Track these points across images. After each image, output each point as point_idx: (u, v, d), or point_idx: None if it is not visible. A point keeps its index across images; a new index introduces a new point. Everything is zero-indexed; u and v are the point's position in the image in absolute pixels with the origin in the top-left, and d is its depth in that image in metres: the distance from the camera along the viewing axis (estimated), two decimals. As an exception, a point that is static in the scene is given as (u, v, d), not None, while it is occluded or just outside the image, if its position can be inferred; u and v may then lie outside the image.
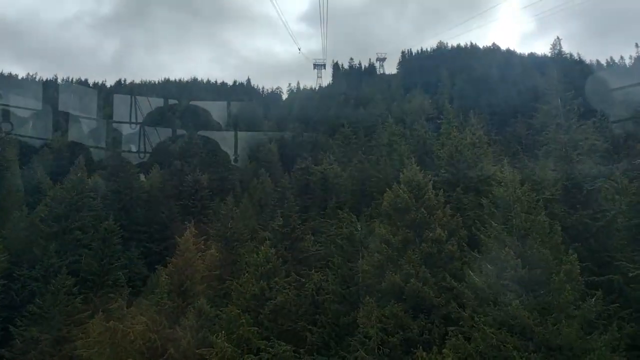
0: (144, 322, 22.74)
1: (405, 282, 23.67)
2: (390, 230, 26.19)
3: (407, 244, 25.52)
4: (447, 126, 42.00)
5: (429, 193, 27.36)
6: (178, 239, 27.69)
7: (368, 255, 26.62)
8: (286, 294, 23.93)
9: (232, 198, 39.44)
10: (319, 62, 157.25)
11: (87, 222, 40.53)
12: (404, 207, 26.57)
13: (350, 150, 58.92)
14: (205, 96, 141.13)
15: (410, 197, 26.75)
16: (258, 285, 23.48)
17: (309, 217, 37.86)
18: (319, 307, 24.93)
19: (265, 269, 24.42)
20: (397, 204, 27.00)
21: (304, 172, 44.81)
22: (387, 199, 27.91)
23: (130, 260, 42.56)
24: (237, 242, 31.78)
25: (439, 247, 25.23)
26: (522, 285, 20.15)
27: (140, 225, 48.37)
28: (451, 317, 22.75)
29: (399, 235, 25.74)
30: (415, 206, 26.39)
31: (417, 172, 28.37)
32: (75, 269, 37.34)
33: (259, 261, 24.67)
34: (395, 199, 27.23)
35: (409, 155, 35.42)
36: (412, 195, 26.90)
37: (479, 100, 78.20)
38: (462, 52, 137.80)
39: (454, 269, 24.83)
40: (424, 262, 24.71)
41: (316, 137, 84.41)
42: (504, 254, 20.80)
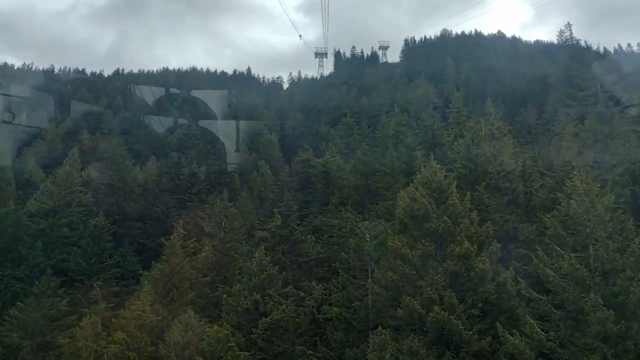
0: (122, 340, 20.63)
1: (426, 310, 19.77)
2: (406, 242, 22.38)
3: (428, 260, 21.64)
4: (457, 116, 39.64)
5: (453, 197, 23.02)
6: (165, 241, 25.45)
7: (379, 272, 22.82)
8: (283, 311, 21.10)
9: (227, 194, 36.88)
10: (320, 50, 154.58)
11: (76, 218, 38.41)
12: (423, 215, 22.52)
13: (353, 141, 56.66)
14: (205, 86, 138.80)
15: (430, 201, 22.70)
16: (251, 298, 20.92)
17: (310, 212, 35.64)
18: (320, 327, 22.11)
19: (260, 278, 21.82)
20: (413, 211, 22.94)
21: (304, 164, 42.53)
22: (402, 203, 23.86)
23: (124, 258, 40.47)
24: (232, 242, 29.32)
25: (468, 264, 21.05)
26: (611, 346, 16.22)
27: (134, 221, 46.24)
28: (485, 355, 19.11)
29: (417, 249, 21.88)
30: (436, 213, 22.43)
31: (437, 170, 24.18)
32: (63, 268, 35.45)
33: (253, 269, 22.12)
34: (412, 204, 23.18)
35: (416, 147, 32.95)
36: (432, 200, 22.88)
37: (487, 89, 75.68)
38: (467, 39, 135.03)
39: (487, 293, 20.52)
40: (449, 283, 20.71)
41: (318, 127, 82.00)
42: (587, 302, 16.64)
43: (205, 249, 27.55)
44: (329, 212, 33.52)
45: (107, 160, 62.86)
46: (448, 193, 23.21)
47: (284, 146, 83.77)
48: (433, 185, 23.50)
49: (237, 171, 65.07)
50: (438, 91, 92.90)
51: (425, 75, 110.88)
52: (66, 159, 63.80)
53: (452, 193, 23.24)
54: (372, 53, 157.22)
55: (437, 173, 23.98)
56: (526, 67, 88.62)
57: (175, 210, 48.12)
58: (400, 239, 22.78)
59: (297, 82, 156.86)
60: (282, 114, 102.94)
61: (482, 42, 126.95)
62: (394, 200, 28.26)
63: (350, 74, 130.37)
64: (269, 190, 55.53)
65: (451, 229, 22.06)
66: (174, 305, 22.27)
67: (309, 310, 22.17)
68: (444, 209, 22.86)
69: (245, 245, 28.81)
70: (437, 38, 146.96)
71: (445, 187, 23.44)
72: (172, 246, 24.51)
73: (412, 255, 21.74)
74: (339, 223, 27.98)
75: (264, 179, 62.81)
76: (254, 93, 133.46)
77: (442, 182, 23.52)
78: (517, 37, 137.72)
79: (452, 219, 22.45)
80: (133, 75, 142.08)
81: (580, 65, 62.84)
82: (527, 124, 53.34)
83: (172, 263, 23.40)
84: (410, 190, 23.89)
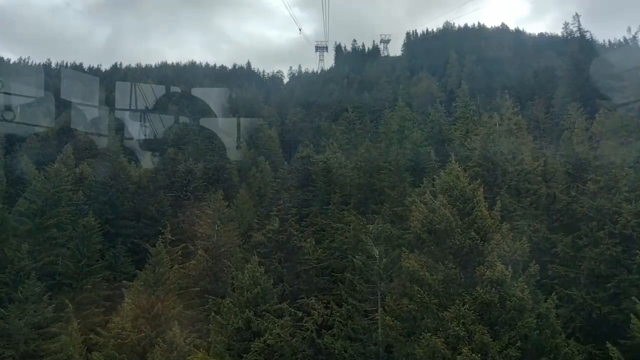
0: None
1: (452, 350, 16.23)
2: (424, 263, 18.81)
3: (452, 286, 17.96)
4: (465, 110, 37.67)
5: (481, 206, 19.09)
6: (150, 248, 23.51)
7: (392, 299, 19.33)
8: (278, 334, 18.24)
9: (222, 193, 35.11)
10: (321, 44, 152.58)
11: (64, 218, 36.59)
12: (445, 229, 18.76)
13: (355, 137, 54.80)
14: (204, 80, 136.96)
15: (453, 212, 18.98)
16: (242, 316, 18.18)
17: (310, 212, 33.76)
18: (321, 353, 19.15)
19: (253, 293, 19.11)
20: (433, 224, 19.26)
21: (304, 161, 40.60)
22: (419, 215, 20.41)
23: (116, 259, 38.84)
24: (226, 246, 27.29)
25: (502, 291, 17.13)
26: None
27: (128, 220, 44.56)
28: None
29: (439, 271, 18.22)
30: (460, 227, 18.64)
31: (460, 174, 20.31)
32: (51, 271, 33.71)
33: (245, 283, 19.58)
34: (430, 215, 19.59)
35: (422, 143, 30.94)
36: (455, 210, 19.19)
37: (492, 82, 73.71)
38: (470, 32, 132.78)
39: (526, 329, 16.73)
40: (479, 316, 17.00)
41: (318, 122, 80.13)
42: None
43: (198, 253, 25.59)
44: (330, 212, 31.64)
45: (102, 157, 61.36)
46: (474, 202, 19.25)
47: (284, 142, 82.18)
48: (456, 192, 19.79)
49: (235, 167, 63.39)
50: (441, 85, 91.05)
51: (428, 69, 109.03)
52: (60, 156, 62.60)
53: (479, 202, 19.31)
54: (373, 47, 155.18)
55: (461, 177, 20.18)
56: (532, 60, 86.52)
57: (170, 209, 46.49)
58: (417, 259, 19.07)
59: (298, 76, 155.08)
60: (282, 108, 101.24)
61: (485, 35, 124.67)
62: (400, 201, 26.38)
63: (352, 68, 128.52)
64: (269, 187, 53.89)
65: (480, 247, 18.31)
66: (158, 321, 20.15)
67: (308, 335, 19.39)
68: (470, 221, 19.01)
69: (240, 251, 26.80)
70: (440, 31, 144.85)
71: (470, 194, 19.63)
72: (158, 253, 22.49)
73: (432, 280, 18.13)
74: (342, 227, 25.95)
75: (264, 175, 61.22)
76: (254, 88, 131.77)
77: (466, 189, 19.69)
78: (520, 30, 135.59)
79: (481, 234, 18.58)
80: (131, 69, 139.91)
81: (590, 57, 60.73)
82: (536, 118, 51.37)
83: (158, 272, 21.38)
84: (428, 199, 20.22)
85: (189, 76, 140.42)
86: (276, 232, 23.85)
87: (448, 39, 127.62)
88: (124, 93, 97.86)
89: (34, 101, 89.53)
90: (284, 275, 22.80)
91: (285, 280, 22.82)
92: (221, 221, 26.97)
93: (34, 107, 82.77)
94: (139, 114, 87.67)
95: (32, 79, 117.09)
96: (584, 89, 57.70)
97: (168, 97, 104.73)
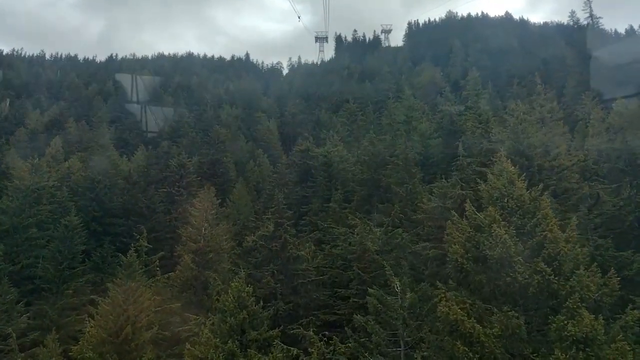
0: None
1: None
2: (470, 308, 13.49)
3: (514, 345, 12.93)
4: (476, 99, 34.88)
5: (550, 225, 13.79)
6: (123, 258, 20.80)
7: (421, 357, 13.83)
8: None
9: (213, 190, 32.46)
10: (320, 35, 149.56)
11: (45, 216, 34.01)
12: (500, 258, 13.78)
13: (357, 129, 52.02)
14: (201, 72, 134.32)
15: (511, 233, 14.02)
16: (225, 348, 14.28)
17: (309, 209, 31.16)
18: None
19: (237, 319, 15.41)
20: (481, 250, 14.22)
21: (303, 155, 37.89)
22: (457, 234, 14.99)
23: (103, 260, 36.37)
24: (214, 252, 24.37)
25: (590, 354, 12.04)
26: None
27: (116, 217, 42.02)
28: None
29: (494, 322, 12.97)
30: (522, 255, 13.75)
31: (514, 176, 15.00)
32: (31, 275, 31.23)
33: (228, 306, 15.90)
34: (477, 236, 14.51)
35: (431, 135, 28.12)
36: (513, 230, 14.26)
37: (499, 71, 70.93)
38: (474, 21, 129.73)
39: None
40: None
41: (318, 114, 77.44)
42: None
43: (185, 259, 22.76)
44: (330, 210, 28.97)
45: (92, 151, 58.78)
46: (538, 217, 13.73)
47: (283, 134, 79.69)
48: (510, 203, 14.36)
49: (232, 161, 60.86)
50: (445, 75, 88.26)
51: (431, 59, 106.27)
52: (48, 149, 59.97)
53: (546, 217, 13.79)
54: (374, 37, 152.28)
55: (516, 183, 14.75)
56: (538, 49, 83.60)
57: (162, 205, 43.97)
58: (459, 300, 13.66)
59: (297, 67, 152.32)
60: (281, 100, 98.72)
61: (490, 24, 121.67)
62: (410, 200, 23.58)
63: (352, 58, 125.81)
64: (267, 181, 51.40)
65: (553, 285, 12.86)
66: (127, 347, 17.08)
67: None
68: (536, 246, 13.60)
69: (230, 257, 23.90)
70: (442, 21, 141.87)
71: (531, 206, 14.18)
72: (129, 265, 19.72)
73: (484, 335, 12.71)
74: (344, 231, 23.07)
75: (262, 169, 58.79)
76: (253, 79, 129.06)
77: (525, 198, 14.28)
78: (525, 19, 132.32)
79: (553, 265, 13.12)
80: (126, 60, 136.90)
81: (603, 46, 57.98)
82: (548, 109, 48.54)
83: (128, 289, 18.56)
84: (469, 211, 14.47)
85: (186, 67, 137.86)
86: (269, 238, 21.05)
87: (451, 29, 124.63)
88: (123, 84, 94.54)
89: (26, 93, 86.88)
90: (278, 290, 20.02)
91: (279, 296, 20.09)
92: (209, 223, 24.27)
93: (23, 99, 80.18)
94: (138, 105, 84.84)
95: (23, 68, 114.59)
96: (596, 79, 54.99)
97: (164, 90, 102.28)
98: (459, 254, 14.25)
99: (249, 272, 19.50)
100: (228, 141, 65.98)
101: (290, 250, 20.44)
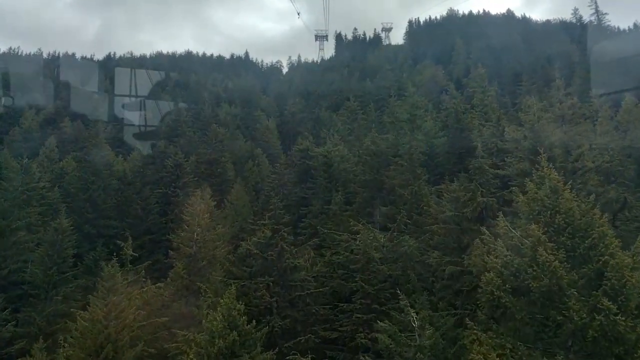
0: None
1: None
2: (507, 353, 10.94)
3: None
4: (483, 96, 33.55)
5: (612, 246, 11.18)
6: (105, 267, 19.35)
7: None
8: None
9: (209, 192, 31.20)
10: (320, 33, 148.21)
11: (34, 219, 32.78)
12: (550, 289, 11.03)
13: (357, 127, 50.67)
14: (200, 70, 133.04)
15: (561, 257, 11.34)
16: None
17: (308, 212, 29.86)
18: None
19: (227, 342, 13.58)
20: (523, 279, 11.35)
21: (303, 154, 36.57)
22: (493, 261, 12.19)
23: (96, 263, 35.15)
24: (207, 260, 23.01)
25: None
26: None
27: (110, 219, 40.86)
28: None
29: None
30: (577, 284, 11.25)
31: (558, 185, 12.35)
32: (18, 280, 30.00)
33: (217, 326, 13.99)
34: (516, 261, 11.68)
35: (437, 134, 26.77)
36: (563, 254, 11.52)
37: (503, 69, 69.62)
38: (475, 19, 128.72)
39: None
40: None
41: (319, 112, 76.18)
42: None
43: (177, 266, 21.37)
44: (331, 213, 27.63)
45: (87, 150, 57.45)
46: (594, 237, 11.03)
47: (282, 133, 78.45)
48: (558, 219, 11.62)
49: (231, 160, 59.60)
50: (447, 73, 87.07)
51: (432, 57, 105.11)
52: (42, 149, 58.76)
53: (604, 236, 11.16)
54: (374, 35, 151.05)
55: (563, 193, 11.82)
56: (542, 46, 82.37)
57: (157, 207, 42.80)
58: (496, 343, 11.01)
59: (297, 66, 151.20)
60: (281, 99, 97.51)
61: (492, 21, 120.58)
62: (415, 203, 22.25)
63: (353, 56, 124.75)
64: (266, 181, 50.16)
65: (620, 328, 10.14)
66: None
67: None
68: (593, 274, 11.06)
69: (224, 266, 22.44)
70: (443, 18, 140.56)
71: (583, 223, 11.49)
72: (111, 277, 18.24)
73: None
74: (346, 237, 21.56)
75: (261, 169, 57.52)
76: (252, 78, 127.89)
77: (575, 212, 11.57)
78: (527, 17, 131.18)
79: (619, 298, 10.46)
80: (125, 59, 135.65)
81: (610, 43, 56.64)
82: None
83: (109, 303, 17.05)
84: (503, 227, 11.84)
85: (185, 66, 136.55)
86: (265, 245, 19.57)
87: (452, 27, 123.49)
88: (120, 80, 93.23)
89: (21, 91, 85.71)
90: (274, 305, 18.65)
91: (275, 310, 18.54)
92: (202, 228, 22.96)
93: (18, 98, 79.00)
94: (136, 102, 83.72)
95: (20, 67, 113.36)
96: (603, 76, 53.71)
97: (162, 88, 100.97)
98: (494, 285, 11.25)
99: (242, 283, 18.14)
100: (226, 140, 64.68)
101: (287, 260, 18.96)
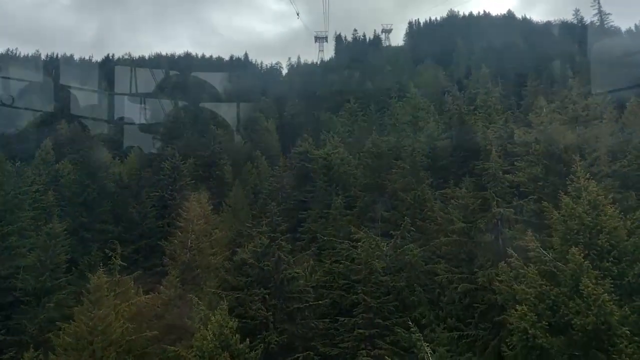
0: None
1: None
2: None
3: None
4: (486, 97, 32.74)
5: None
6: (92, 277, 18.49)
7: None
8: None
9: (206, 196, 30.43)
10: (320, 34, 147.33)
11: (26, 223, 31.98)
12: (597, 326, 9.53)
13: (358, 129, 49.87)
14: (200, 71, 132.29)
15: (608, 287, 10.28)
16: None
17: (307, 216, 29.06)
18: None
19: None
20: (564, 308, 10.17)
21: (302, 157, 35.74)
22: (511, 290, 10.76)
23: (91, 268, 34.38)
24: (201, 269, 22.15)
25: None
26: None
27: (106, 223, 40.15)
28: None
29: None
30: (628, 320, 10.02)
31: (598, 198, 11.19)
32: (9, 286, 29.23)
33: (207, 345, 13.08)
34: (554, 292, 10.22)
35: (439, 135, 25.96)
36: (609, 282, 10.41)
37: (505, 71, 68.84)
38: (476, 20, 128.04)
39: None
40: None
41: (318, 114, 75.48)
42: None
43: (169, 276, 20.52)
44: (331, 217, 26.83)
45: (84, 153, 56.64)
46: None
47: (282, 135, 77.72)
48: (601, 241, 10.21)
49: (229, 162, 58.81)
50: (448, 74, 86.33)
51: (432, 58, 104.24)
52: (38, 151, 57.91)
53: None
54: (374, 37, 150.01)
55: (605, 209, 10.44)
56: (544, 47, 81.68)
57: (154, 210, 41.99)
58: None
59: (297, 67, 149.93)
60: (280, 100, 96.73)
61: (493, 23, 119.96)
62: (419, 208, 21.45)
63: (352, 58, 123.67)
64: (265, 184, 49.37)
65: None
66: None
67: None
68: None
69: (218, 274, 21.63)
70: (444, 19, 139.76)
71: (630, 245, 10.07)
72: (97, 289, 17.37)
73: None
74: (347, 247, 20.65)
75: (260, 171, 56.74)
76: (252, 79, 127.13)
77: (620, 231, 10.04)
78: (527, 18, 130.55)
79: None
80: (123, 60, 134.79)
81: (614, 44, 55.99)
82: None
83: (95, 317, 16.17)
84: (535, 250, 10.06)
85: (184, 67, 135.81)
86: (261, 254, 18.68)
87: (453, 28, 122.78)
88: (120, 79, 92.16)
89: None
90: (270, 319, 17.81)
91: (271, 324, 17.62)
92: (197, 235, 22.15)
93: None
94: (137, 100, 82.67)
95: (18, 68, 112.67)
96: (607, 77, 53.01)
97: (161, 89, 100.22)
98: (527, 321, 9.42)
99: (237, 294, 17.32)
100: (225, 142, 63.95)
101: (285, 270, 18.06)
